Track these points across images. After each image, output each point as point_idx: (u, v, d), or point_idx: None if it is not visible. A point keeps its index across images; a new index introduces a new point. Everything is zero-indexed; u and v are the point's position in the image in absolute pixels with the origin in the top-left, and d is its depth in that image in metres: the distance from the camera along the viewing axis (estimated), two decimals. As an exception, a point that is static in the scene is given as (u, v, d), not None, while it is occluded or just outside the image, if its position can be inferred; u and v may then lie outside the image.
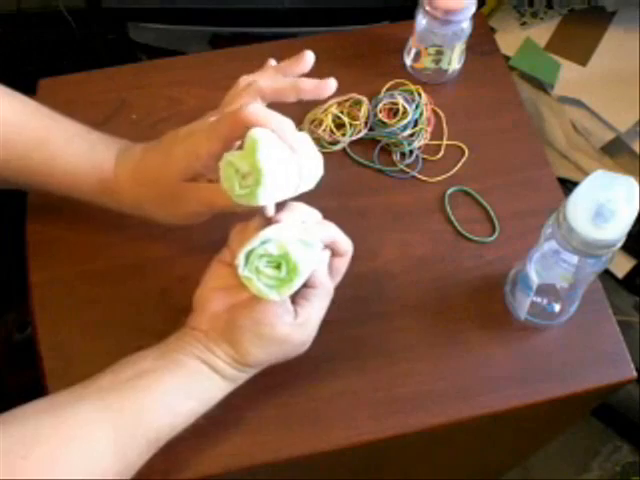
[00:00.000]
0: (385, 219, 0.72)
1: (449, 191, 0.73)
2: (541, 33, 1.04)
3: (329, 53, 0.79)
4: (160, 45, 1.11)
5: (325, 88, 0.60)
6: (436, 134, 0.77)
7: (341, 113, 0.76)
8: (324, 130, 0.75)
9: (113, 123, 0.76)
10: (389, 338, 0.66)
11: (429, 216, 0.72)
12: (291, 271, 0.52)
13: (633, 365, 0.65)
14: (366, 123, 0.76)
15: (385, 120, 0.76)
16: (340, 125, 0.76)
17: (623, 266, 1.07)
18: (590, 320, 0.67)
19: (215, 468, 0.60)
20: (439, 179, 0.74)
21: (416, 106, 0.76)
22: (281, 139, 0.52)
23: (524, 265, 0.62)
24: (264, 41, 0.83)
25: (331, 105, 0.76)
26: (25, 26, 1.12)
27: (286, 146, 0.53)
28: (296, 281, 0.52)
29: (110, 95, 0.78)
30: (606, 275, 1.05)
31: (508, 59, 1.01)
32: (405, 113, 0.76)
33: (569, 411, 0.77)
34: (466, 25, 0.75)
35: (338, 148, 0.76)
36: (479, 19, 0.78)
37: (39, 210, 0.71)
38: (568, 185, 1.00)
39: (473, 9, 0.74)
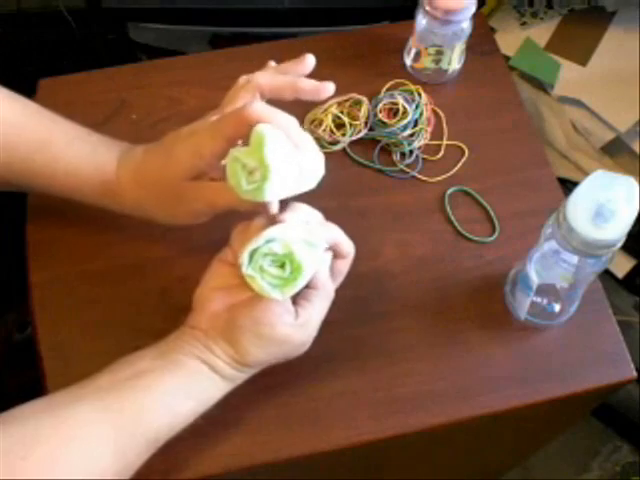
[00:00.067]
0: (385, 219, 0.72)
1: (449, 191, 0.73)
2: (541, 33, 1.04)
3: (329, 53, 0.79)
4: (160, 45, 1.11)
5: (323, 90, 0.60)
6: (436, 134, 0.76)
7: (341, 113, 0.76)
8: (324, 130, 0.75)
9: (113, 123, 0.76)
10: (389, 338, 0.66)
11: (429, 216, 0.72)
12: (295, 271, 0.52)
13: (633, 365, 0.65)
14: (366, 123, 0.76)
15: (385, 120, 0.76)
16: (340, 125, 0.76)
17: (623, 266, 1.07)
18: (590, 320, 0.67)
19: (215, 468, 0.60)
20: (439, 179, 0.74)
21: (416, 106, 0.76)
22: (286, 136, 0.53)
23: (524, 265, 0.62)
24: (264, 41, 0.83)
25: (331, 105, 0.76)
26: (25, 26, 1.12)
27: (291, 143, 0.53)
28: (300, 281, 0.52)
29: (110, 95, 0.78)
30: (606, 275, 1.05)
31: (508, 59, 1.01)
32: (405, 113, 0.76)
33: (569, 411, 0.76)
34: (466, 25, 0.75)
35: (338, 148, 0.76)
36: (479, 19, 0.78)
37: (39, 210, 0.71)
38: (568, 185, 1.00)
39: (473, 9, 0.74)
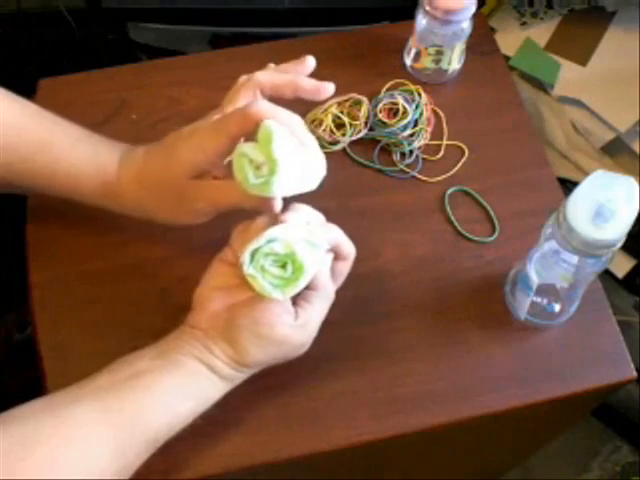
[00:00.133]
0: (385, 219, 0.72)
1: (449, 191, 0.73)
2: (541, 33, 1.04)
3: (329, 53, 0.79)
4: (160, 45, 1.11)
5: (324, 90, 0.60)
6: (436, 134, 0.76)
7: (341, 113, 0.76)
8: (324, 130, 0.75)
9: (113, 123, 0.76)
10: (389, 338, 0.66)
11: (429, 216, 0.72)
12: (296, 271, 0.52)
13: (633, 365, 0.65)
14: (366, 123, 0.76)
15: (385, 120, 0.76)
16: (340, 125, 0.76)
17: (623, 266, 1.07)
18: (590, 320, 0.67)
19: (215, 468, 0.60)
20: (439, 179, 0.74)
21: (416, 106, 0.76)
22: (291, 134, 0.53)
23: (524, 265, 0.62)
24: (264, 41, 0.83)
25: (331, 105, 0.76)
26: (25, 26, 1.12)
27: (295, 141, 0.53)
28: (301, 281, 0.52)
29: (110, 95, 0.78)
30: (606, 275, 1.05)
31: (508, 59, 1.01)
32: (405, 113, 0.76)
33: (569, 411, 0.76)
34: (466, 25, 0.75)
35: (338, 148, 0.76)
36: (479, 19, 0.78)
37: (39, 210, 0.71)
38: (568, 185, 1.00)
39: (473, 9, 0.74)
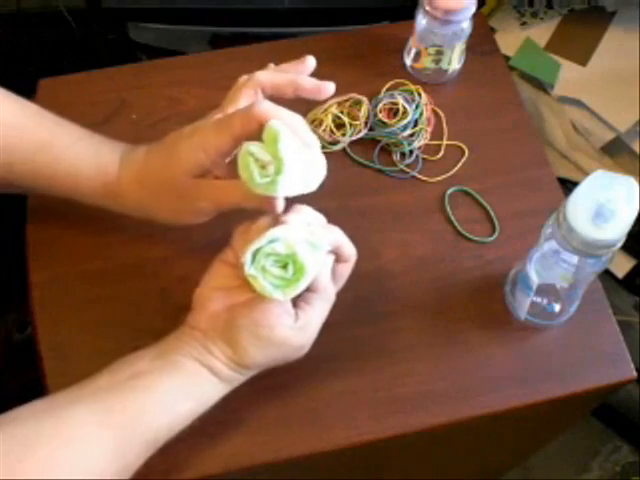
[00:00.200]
0: (385, 219, 0.72)
1: (449, 191, 0.73)
2: (541, 33, 1.04)
3: (329, 53, 0.79)
4: (160, 45, 1.11)
5: (324, 90, 0.60)
6: (436, 134, 0.76)
7: (341, 113, 0.76)
8: (324, 130, 0.75)
9: (113, 123, 0.76)
10: (389, 338, 0.66)
11: (429, 216, 0.72)
12: (298, 272, 0.51)
13: (633, 365, 0.65)
14: (366, 123, 0.76)
15: (385, 120, 0.76)
16: (340, 125, 0.76)
17: (623, 266, 1.07)
18: (590, 320, 0.67)
19: (215, 468, 0.60)
20: (439, 179, 0.74)
21: (416, 106, 0.76)
22: (294, 134, 0.53)
23: (524, 265, 0.62)
24: (264, 41, 0.83)
25: (331, 105, 0.76)
26: (25, 26, 1.12)
27: (298, 142, 0.53)
28: (302, 282, 0.52)
29: (110, 95, 0.78)
30: (606, 275, 1.05)
31: (508, 59, 1.01)
32: (405, 113, 0.76)
33: (569, 411, 0.76)
34: (466, 25, 0.75)
35: (338, 148, 0.76)
36: (479, 19, 0.78)
37: (39, 210, 0.71)
38: (568, 185, 1.00)
39: (473, 9, 0.74)
